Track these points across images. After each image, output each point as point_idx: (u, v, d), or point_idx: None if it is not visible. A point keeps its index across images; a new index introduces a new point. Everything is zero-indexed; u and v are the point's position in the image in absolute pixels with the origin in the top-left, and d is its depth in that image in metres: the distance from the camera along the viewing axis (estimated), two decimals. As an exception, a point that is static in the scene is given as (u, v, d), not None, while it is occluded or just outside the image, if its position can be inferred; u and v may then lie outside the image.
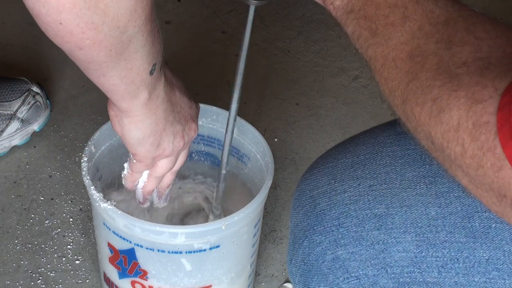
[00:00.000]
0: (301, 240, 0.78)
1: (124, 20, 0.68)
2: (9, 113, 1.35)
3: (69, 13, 0.64)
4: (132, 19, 0.69)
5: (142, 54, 0.75)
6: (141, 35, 0.72)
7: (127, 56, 0.73)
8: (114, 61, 0.73)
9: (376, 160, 0.77)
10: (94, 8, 0.65)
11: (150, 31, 0.73)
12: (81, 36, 0.67)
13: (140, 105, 0.82)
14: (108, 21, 0.67)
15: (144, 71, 0.77)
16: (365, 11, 0.62)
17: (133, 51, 0.73)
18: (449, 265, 0.70)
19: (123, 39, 0.70)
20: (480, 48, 0.56)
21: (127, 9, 0.67)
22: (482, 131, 0.53)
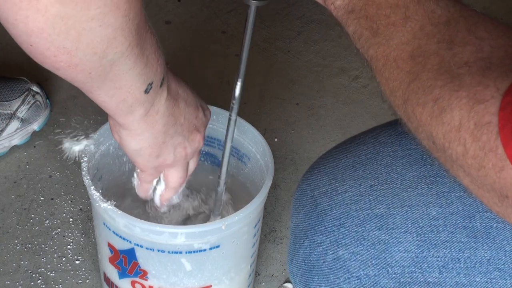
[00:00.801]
0: (302, 240, 0.78)
1: (101, 46, 0.66)
2: (9, 112, 1.35)
3: (38, 37, 0.63)
4: (111, 46, 0.67)
5: (131, 75, 0.72)
6: (126, 59, 0.70)
7: (113, 77, 0.71)
8: (97, 82, 0.71)
9: (377, 160, 0.77)
10: (64, 34, 0.63)
11: (138, 54, 0.71)
12: (54, 59, 0.65)
13: (136, 121, 0.80)
14: (83, 47, 0.65)
15: (137, 90, 0.75)
16: (366, 11, 0.62)
17: (119, 73, 0.71)
18: (450, 265, 0.70)
19: (103, 63, 0.68)
20: (481, 48, 0.56)
21: (103, 37, 0.65)
22: (484, 131, 0.53)
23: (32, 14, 0.61)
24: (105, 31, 0.65)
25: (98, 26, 0.64)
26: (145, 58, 0.72)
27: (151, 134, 0.83)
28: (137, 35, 0.69)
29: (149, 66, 0.74)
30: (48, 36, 0.63)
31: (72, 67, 0.67)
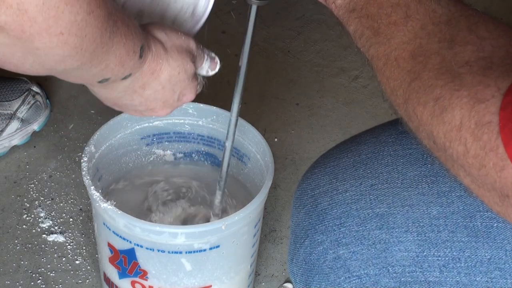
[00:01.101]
0: (303, 240, 0.78)
1: (49, 65, 0.66)
2: (9, 112, 1.35)
3: None
4: (60, 65, 0.66)
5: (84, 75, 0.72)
6: (79, 70, 0.69)
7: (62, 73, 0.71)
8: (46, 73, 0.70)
9: (377, 159, 0.77)
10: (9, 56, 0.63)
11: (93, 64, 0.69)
12: (3, 64, 0.66)
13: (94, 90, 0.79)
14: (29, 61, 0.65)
15: (90, 80, 0.74)
16: (367, 10, 0.62)
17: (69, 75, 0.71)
18: (450, 265, 0.70)
19: (52, 72, 0.68)
20: (482, 48, 0.56)
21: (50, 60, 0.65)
22: (485, 130, 0.53)
23: None
24: (52, 57, 0.65)
25: (44, 55, 0.64)
26: (103, 66, 0.71)
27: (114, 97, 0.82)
28: (92, 56, 0.68)
29: (108, 70, 0.73)
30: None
31: (21, 72, 0.67)
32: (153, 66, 0.79)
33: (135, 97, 0.82)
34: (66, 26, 0.62)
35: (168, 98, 0.84)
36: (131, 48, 0.73)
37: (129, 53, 0.73)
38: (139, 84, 0.80)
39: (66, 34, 0.62)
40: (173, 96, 0.84)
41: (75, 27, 0.63)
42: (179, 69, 0.83)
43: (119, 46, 0.71)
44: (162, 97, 0.84)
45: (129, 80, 0.78)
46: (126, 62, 0.74)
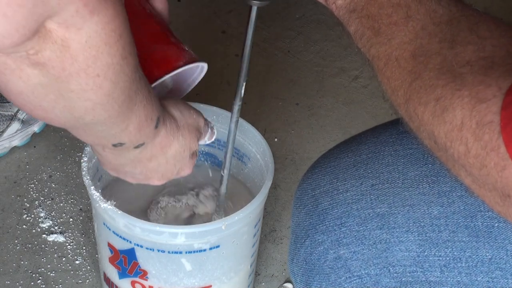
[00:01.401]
0: (303, 240, 0.78)
1: (78, 112, 0.66)
2: (9, 114, 1.35)
3: (16, 97, 0.64)
4: (88, 114, 0.67)
5: (104, 134, 0.73)
6: (102, 125, 0.70)
7: (86, 130, 0.72)
8: (69, 129, 0.72)
9: (378, 159, 0.77)
10: (43, 97, 0.64)
11: (116, 122, 0.71)
12: (30, 112, 0.66)
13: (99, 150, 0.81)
14: (60, 107, 0.65)
15: (106, 141, 0.76)
16: (368, 10, 0.62)
17: (92, 130, 0.72)
18: (451, 265, 0.70)
19: (78, 122, 0.69)
20: (483, 48, 0.56)
21: (81, 106, 0.66)
22: (486, 130, 0.53)
23: (13, 80, 0.62)
24: (84, 103, 0.65)
25: (76, 98, 0.65)
26: (124, 126, 0.73)
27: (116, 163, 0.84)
28: (120, 109, 0.69)
29: (126, 132, 0.74)
30: (26, 97, 0.64)
31: (47, 119, 0.68)
32: (165, 141, 0.82)
33: (139, 167, 0.84)
34: (103, 68, 0.63)
35: (168, 172, 0.87)
36: (149, 114, 0.75)
37: (147, 119, 0.75)
38: (147, 156, 0.82)
39: (102, 77, 0.64)
40: (173, 171, 0.87)
41: (111, 70, 0.64)
42: (185, 147, 0.85)
43: (140, 107, 0.73)
44: (163, 170, 0.86)
45: (140, 149, 0.80)
46: (143, 128, 0.75)
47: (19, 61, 0.60)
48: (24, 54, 0.59)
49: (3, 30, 0.55)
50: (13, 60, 0.60)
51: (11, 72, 0.61)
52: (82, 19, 0.59)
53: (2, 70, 0.61)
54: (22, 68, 0.61)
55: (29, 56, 0.59)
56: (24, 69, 0.61)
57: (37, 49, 0.59)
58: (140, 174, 0.86)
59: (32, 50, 0.59)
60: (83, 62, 0.62)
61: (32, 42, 0.58)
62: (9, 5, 0.54)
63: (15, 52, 0.59)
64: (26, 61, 0.60)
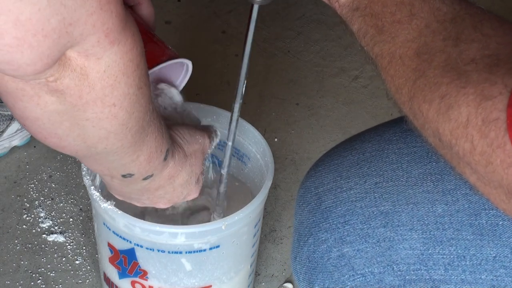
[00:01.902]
0: (306, 238, 0.78)
1: (92, 140, 0.67)
2: (9, 114, 1.35)
3: (31, 123, 0.65)
4: (102, 143, 0.68)
5: (114, 164, 0.74)
6: (114, 155, 0.71)
7: (97, 159, 0.73)
8: (80, 158, 0.73)
9: (382, 157, 0.77)
10: (58, 124, 0.64)
11: (128, 153, 0.72)
12: (44, 140, 0.67)
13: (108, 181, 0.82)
14: (73, 135, 0.66)
15: (115, 172, 0.77)
16: (371, 8, 0.62)
17: (103, 159, 0.72)
18: (455, 263, 0.70)
19: (91, 151, 0.69)
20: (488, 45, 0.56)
21: (95, 135, 0.66)
22: (492, 127, 0.53)
23: (30, 106, 0.62)
24: (98, 131, 0.66)
25: (91, 126, 0.65)
26: (135, 156, 0.74)
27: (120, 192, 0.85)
28: (132, 139, 0.70)
29: (136, 163, 0.75)
30: (41, 124, 0.64)
31: (60, 148, 0.68)
32: (173, 172, 0.83)
33: (146, 194, 0.85)
34: (120, 97, 0.64)
35: (175, 198, 0.88)
36: (159, 145, 0.76)
37: (157, 150, 0.76)
38: (154, 186, 0.83)
39: (118, 106, 0.64)
40: (180, 196, 0.88)
41: (127, 100, 0.65)
42: (192, 174, 0.87)
43: (152, 139, 0.74)
44: (170, 197, 0.87)
45: (148, 181, 0.81)
46: (153, 160, 0.76)
47: (37, 88, 0.60)
48: (43, 81, 0.60)
49: (27, 59, 0.56)
50: (31, 87, 0.60)
51: (29, 99, 0.61)
52: (102, 49, 0.59)
53: (19, 97, 0.61)
54: (40, 95, 0.61)
55: (48, 83, 0.60)
56: (42, 96, 0.61)
57: (56, 77, 0.60)
58: (147, 200, 0.87)
59: (52, 78, 0.59)
60: (100, 91, 0.62)
61: (52, 70, 0.59)
62: (34, 36, 0.54)
63: (35, 79, 0.59)
64: (45, 88, 0.60)
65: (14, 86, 0.60)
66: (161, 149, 0.76)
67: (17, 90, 0.61)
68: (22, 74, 0.58)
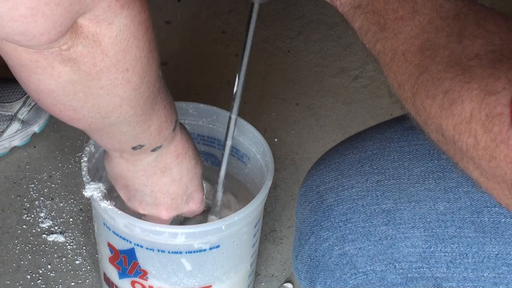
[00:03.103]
0: (308, 236, 0.78)
1: (106, 110, 0.68)
2: (10, 114, 1.35)
3: (46, 96, 0.65)
4: (115, 111, 0.69)
5: (126, 135, 0.74)
6: (127, 124, 0.72)
7: (109, 131, 0.73)
8: (94, 131, 0.74)
9: (383, 155, 0.77)
10: (72, 96, 0.65)
11: (139, 121, 0.72)
12: (59, 113, 0.68)
13: (115, 157, 0.82)
14: (88, 106, 0.67)
15: (126, 145, 0.77)
16: (373, 5, 0.62)
17: (116, 130, 0.73)
18: (458, 260, 0.69)
19: (104, 122, 0.70)
20: (492, 41, 0.56)
21: (109, 103, 0.67)
22: (496, 122, 0.53)
23: (44, 79, 0.63)
24: (112, 99, 0.67)
25: (106, 94, 0.66)
26: (146, 126, 0.75)
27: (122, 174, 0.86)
28: (144, 106, 0.71)
29: (147, 133, 0.76)
30: (56, 96, 0.65)
31: (75, 120, 0.70)
32: (180, 148, 0.84)
33: (150, 181, 0.85)
34: (132, 62, 0.65)
35: (178, 196, 0.89)
36: (169, 115, 0.77)
37: (167, 120, 0.77)
38: (162, 164, 0.83)
39: (131, 71, 0.65)
40: (183, 194, 0.89)
41: (139, 64, 0.65)
42: (197, 160, 0.87)
43: (161, 107, 0.75)
44: (174, 192, 0.88)
45: (156, 154, 0.81)
46: (163, 130, 0.77)
47: (51, 58, 0.61)
48: (56, 50, 0.60)
49: (41, 28, 0.56)
50: (45, 58, 0.61)
51: (43, 71, 0.62)
52: (113, 14, 0.60)
53: (33, 69, 0.62)
54: (53, 65, 0.62)
55: (61, 52, 0.60)
56: (56, 66, 0.62)
57: (69, 45, 0.60)
58: (150, 195, 0.87)
59: (65, 46, 0.60)
60: (114, 56, 0.63)
61: (65, 38, 0.59)
62: (47, 4, 0.55)
63: (48, 48, 0.59)
64: (58, 57, 0.61)
65: (28, 57, 0.61)
66: (170, 119, 0.77)
67: (31, 62, 0.61)
68: (36, 43, 0.58)
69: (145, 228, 0.94)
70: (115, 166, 0.83)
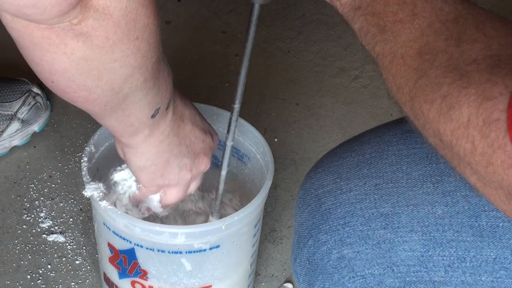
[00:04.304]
0: (306, 239, 0.78)
1: (119, 83, 0.68)
2: (9, 113, 1.35)
3: (60, 76, 0.65)
4: (128, 82, 0.69)
5: (141, 104, 0.75)
6: (139, 92, 0.72)
7: (124, 107, 0.73)
8: (109, 112, 0.73)
9: (382, 159, 0.77)
10: (86, 74, 0.65)
11: (150, 86, 0.73)
12: (73, 95, 0.68)
13: (140, 141, 0.82)
14: (102, 84, 0.67)
15: (144, 116, 0.77)
16: (373, 7, 0.62)
17: (130, 103, 0.73)
18: (456, 264, 0.69)
19: (118, 97, 0.70)
20: (490, 46, 0.56)
21: (122, 75, 0.68)
22: (492, 128, 0.53)
23: (58, 57, 0.63)
24: (125, 70, 0.67)
25: (119, 67, 0.67)
26: (156, 88, 0.75)
27: (155, 153, 0.85)
28: (152, 70, 0.71)
29: (159, 94, 0.77)
30: (70, 76, 0.65)
31: (90, 102, 0.70)
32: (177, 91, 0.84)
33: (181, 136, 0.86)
34: (141, 30, 0.65)
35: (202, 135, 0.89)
36: (169, 71, 0.78)
37: (169, 74, 0.78)
38: (178, 114, 0.84)
39: (140, 39, 0.65)
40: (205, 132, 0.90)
41: (147, 31, 0.66)
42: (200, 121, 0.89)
43: (164, 67, 0.75)
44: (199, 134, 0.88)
45: (171, 108, 0.82)
46: (168, 85, 0.78)
47: (63, 34, 0.61)
48: (67, 24, 0.60)
49: (52, 0, 0.57)
50: (56, 34, 0.61)
51: (56, 48, 0.62)
52: None
53: (46, 47, 0.62)
54: (66, 42, 0.62)
55: (72, 27, 0.61)
56: (68, 42, 0.62)
57: (80, 19, 0.61)
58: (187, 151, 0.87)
59: (76, 20, 0.60)
60: (125, 27, 0.63)
61: (75, 11, 0.60)
62: None
63: (59, 22, 0.60)
64: (70, 33, 0.61)
65: (40, 34, 0.61)
66: (168, 71, 0.78)
67: (43, 40, 0.61)
68: (47, 16, 0.59)
69: (145, 228, 0.94)
70: (146, 152, 0.84)
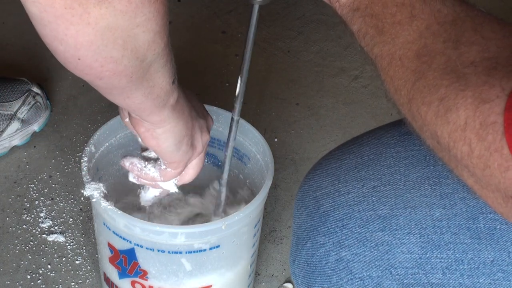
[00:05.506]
0: (304, 241, 0.78)
1: (142, 51, 0.69)
2: (9, 113, 1.35)
3: (87, 49, 0.65)
4: (151, 48, 0.69)
5: (163, 72, 0.75)
6: (161, 59, 0.73)
7: (149, 77, 0.74)
8: (136, 84, 0.74)
9: (380, 161, 0.77)
10: (112, 44, 0.65)
11: (168, 53, 0.73)
12: (100, 69, 0.68)
13: (169, 112, 0.82)
14: (127, 54, 0.67)
15: (167, 84, 0.78)
16: (372, 9, 0.62)
17: (154, 72, 0.74)
18: (453, 267, 0.69)
19: (143, 66, 0.71)
20: (487, 48, 0.56)
21: (145, 41, 0.68)
22: (489, 131, 0.53)
23: (82, 28, 0.63)
24: (147, 35, 0.67)
25: (141, 32, 0.67)
26: (171, 54, 0.75)
27: (184, 122, 0.85)
28: (168, 35, 0.72)
29: (173, 59, 0.77)
30: (96, 48, 0.65)
31: (117, 74, 0.69)
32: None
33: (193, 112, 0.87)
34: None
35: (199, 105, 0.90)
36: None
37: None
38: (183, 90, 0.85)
39: (159, 0, 0.66)
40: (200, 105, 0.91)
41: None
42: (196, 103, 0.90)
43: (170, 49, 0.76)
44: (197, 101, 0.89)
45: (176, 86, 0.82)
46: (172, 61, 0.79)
47: (85, 2, 0.61)
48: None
49: None
50: (79, 2, 0.61)
51: (79, 19, 0.62)
52: None
53: (69, 19, 0.62)
54: (89, 11, 0.62)
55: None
56: (91, 11, 0.62)
57: None
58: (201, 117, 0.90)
59: None
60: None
61: None
62: None
63: None
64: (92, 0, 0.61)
65: (63, 4, 0.61)
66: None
67: (66, 10, 0.61)
68: None
69: (145, 228, 0.94)
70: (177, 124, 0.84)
